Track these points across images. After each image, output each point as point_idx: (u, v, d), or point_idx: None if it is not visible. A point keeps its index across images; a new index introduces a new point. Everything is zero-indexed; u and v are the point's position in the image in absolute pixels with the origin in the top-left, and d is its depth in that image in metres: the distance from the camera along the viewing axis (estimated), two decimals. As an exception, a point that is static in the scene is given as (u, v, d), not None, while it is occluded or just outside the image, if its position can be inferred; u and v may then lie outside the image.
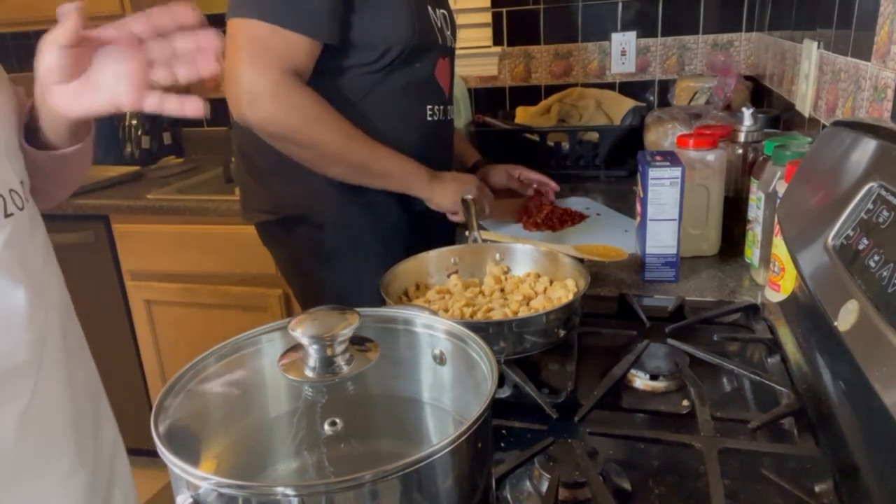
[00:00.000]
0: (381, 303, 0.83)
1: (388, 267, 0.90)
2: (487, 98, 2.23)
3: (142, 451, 1.35)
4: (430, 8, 1.23)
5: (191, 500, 0.41)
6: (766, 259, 1.01)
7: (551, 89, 2.12)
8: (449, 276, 0.95)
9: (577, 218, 1.39)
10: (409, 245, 0.98)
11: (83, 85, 0.70)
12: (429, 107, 1.26)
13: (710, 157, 1.08)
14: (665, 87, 2.05)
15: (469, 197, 1.16)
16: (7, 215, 0.74)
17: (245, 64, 1.07)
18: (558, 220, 1.36)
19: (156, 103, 0.68)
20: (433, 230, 1.31)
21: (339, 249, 1.26)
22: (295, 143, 1.13)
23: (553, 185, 1.48)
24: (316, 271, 1.30)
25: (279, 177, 1.25)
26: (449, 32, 1.31)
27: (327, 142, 1.14)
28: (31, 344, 0.76)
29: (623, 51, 2.07)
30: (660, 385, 0.78)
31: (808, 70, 1.25)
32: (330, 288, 1.30)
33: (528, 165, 1.52)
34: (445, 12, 1.31)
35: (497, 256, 0.97)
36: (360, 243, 1.25)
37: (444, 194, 1.23)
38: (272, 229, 1.32)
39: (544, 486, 0.59)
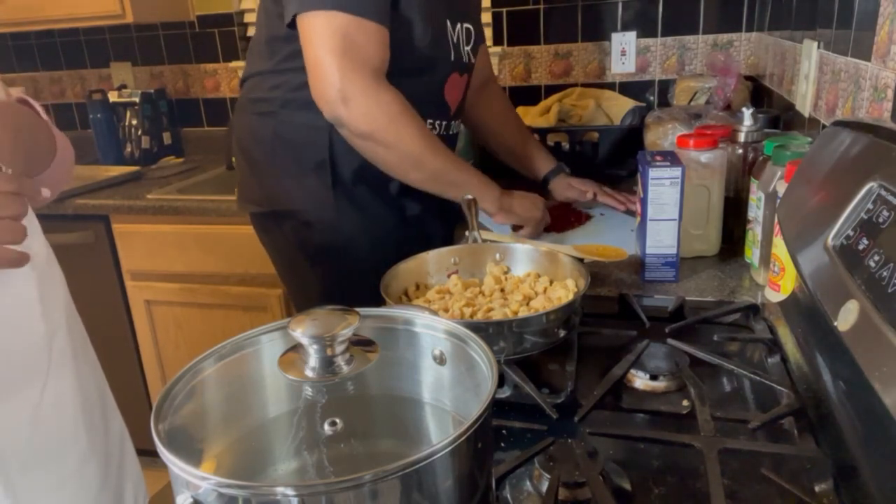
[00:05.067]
0: (381, 303, 0.83)
1: (378, 269, 0.89)
2: (487, 98, 2.22)
3: (142, 451, 1.34)
4: (449, 21, 1.22)
5: (191, 500, 0.41)
6: (766, 259, 1.01)
7: (551, 89, 2.12)
8: (449, 276, 0.95)
9: (582, 218, 1.39)
10: (402, 248, 0.98)
11: None
12: (429, 121, 1.24)
13: (711, 157, 1.08)
14: (665, 87, 2.05)
15: (470, 196, 1.16)
16: None
17: (336, 60, 1.06)
18: (565, 222, 1.36)
19: None
20: (428, 234, 1.30)
21: (328, 248, 1.26)
22: (381, 143, 1.13)
23: (631, 202, 1.43)
24: (304, 268, 1.29)
25: (273, 171, 1.25)
26: (468, 48, 1.29)
27: (410, 144, 1.13)
28: (42, 336, 0.79)
29: (623, 51, 2.07)
30: (660, 385, 0.78)
31: (808, 70, 1.25)
32: (318, 286, 1.29)
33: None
34: (471, 27, 1.29)
35: (497, 256, 0.97)
36: (350, 244, 1.25)
37: (511, 210, 1.24)
38: (263, 222, 1.32)
39: (544, 486, 0.59)
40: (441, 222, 1.35)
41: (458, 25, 1.25)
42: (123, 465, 0.93)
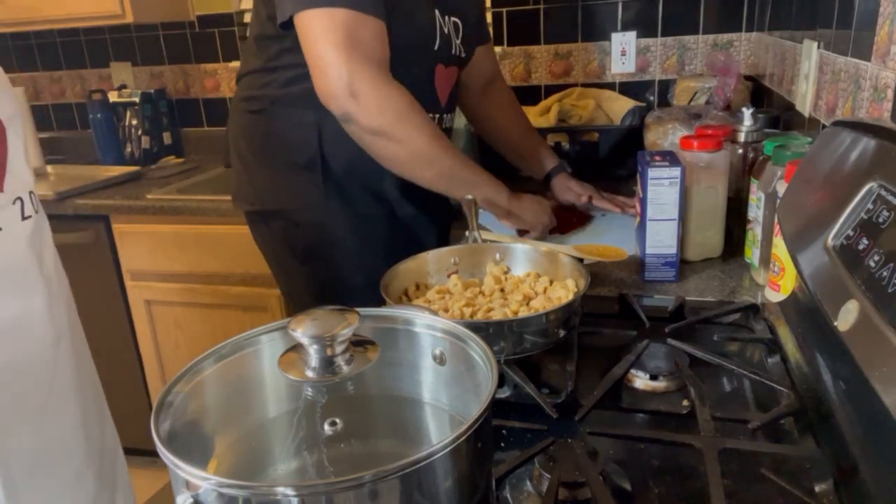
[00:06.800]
0: (381, 303, 0.83)
1: (367, 269, 0.89)
2: (487, 98, 2.22)
3: (142, 451, 1.34)
4: (437, 12, 1.21)
5: (191, 500, 0.41)
6: (766, 259, 1.01)
7: (551, 89, 2.12)
8: (449, 276, 0.95)
9: (584, 219, 1.38)
10: (392, 248, 0.97)
11: None
12: None
13: (716, 158, 1.08)
14: (665, 87, 2.05)
15: (470, 196, 1.15)
16: (25, 217, 0.75)
17: (341, 54, 1.04)
18: (567, 224, 1.35)
19: None
20: (418, 235, 1.30)
21: (315, 247, 1.25)
22: (391, 139, 1.10)
23: (629, 205, 1.41)
24: (294, 267, 1.30)
25: (264, 171, 1.25)
26: (459, 41, 1.28)
27: (420, 140, 1.11)
28: (49, 343, 0.79)
29: (623, 51, 2.07)
30: (660, 385, 0.78)
31: (808, 70, 1.25)
32: (308, 284, 1.29)
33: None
34: (458, 21, 1.28)
35: (497, 256, 0.97)
36: (339, 243, 1.24)
37: (523, 211, 1.22)
38: (255, 220, 1.33)
39: (544, 486, 0.59)
40: (432, 224, 1.35)
41: (447, 17, 1.24)
42: (116, 475, 0.93)
